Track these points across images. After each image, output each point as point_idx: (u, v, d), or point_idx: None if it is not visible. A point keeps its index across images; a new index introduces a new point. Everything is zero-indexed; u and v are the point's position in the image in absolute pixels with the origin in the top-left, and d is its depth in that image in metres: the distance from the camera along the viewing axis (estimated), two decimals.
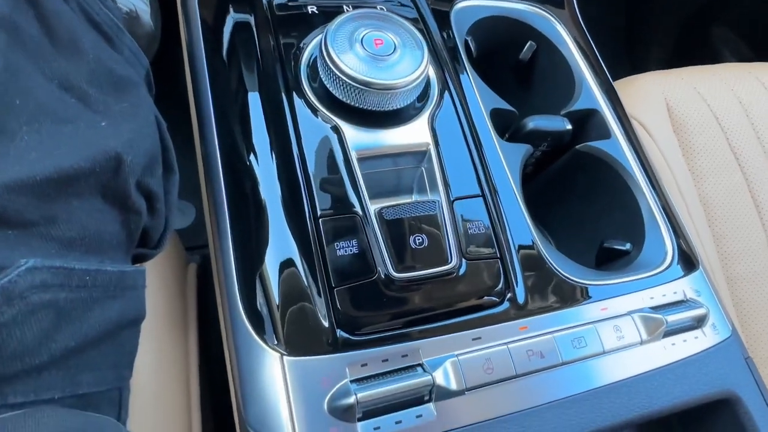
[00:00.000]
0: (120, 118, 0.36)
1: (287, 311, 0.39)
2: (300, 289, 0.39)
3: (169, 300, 0.48)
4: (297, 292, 0.39)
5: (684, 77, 0.85)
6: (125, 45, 0.42)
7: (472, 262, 0.43)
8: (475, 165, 0.48)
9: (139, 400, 0.41)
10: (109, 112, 0.36)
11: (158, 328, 0.44)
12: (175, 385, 0.44)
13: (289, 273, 0.40)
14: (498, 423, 0.39)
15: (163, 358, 0.44)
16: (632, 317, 0.45)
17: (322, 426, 0.36)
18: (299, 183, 0.43)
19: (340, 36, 0.44)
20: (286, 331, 0.38)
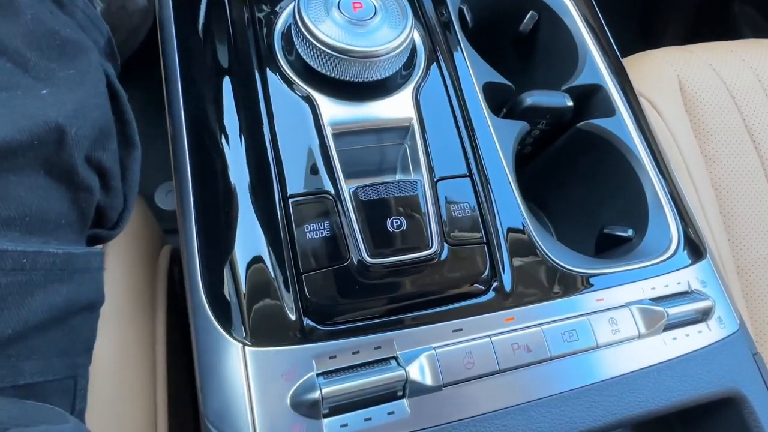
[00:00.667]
0: (65, 86, 0.32)
1: (251, 299, 0.36)
2: (266, 275, 0.36)
3: (137, 284, 0.45)
4: (262, 278, 0.36)
5: (699, 54, 0.80)
6: (77, 8, 0.38)
7: (455, 248, 0.39)
8: (463, 142, 0.44)
9: (101, 389, 0.38)
10: (53, 80, 0.33)
11: (123, 314, 0.42)
12: (140, 374, 0.42)
13: (255, 258, 0.37)
14: (478, 422, 0.36)
15: (128, 346, 0.41)
16: (630, 309, 0.42)
17: (284, 422, 0.33)
18: (269, 161, 0.39)
19: (314, 0, 0.40)
20: (250, 319, 0.35)
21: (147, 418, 0.41)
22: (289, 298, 0.36)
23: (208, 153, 0.40)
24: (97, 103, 0.34)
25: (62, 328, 0.31)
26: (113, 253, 0.43)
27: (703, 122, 0.73)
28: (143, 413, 0.41)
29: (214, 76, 0.43)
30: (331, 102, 0.42)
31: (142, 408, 0.41)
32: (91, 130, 0.33)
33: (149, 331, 0.44)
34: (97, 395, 0.38)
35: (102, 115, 0.34)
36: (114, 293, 0.41)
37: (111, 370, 0.39)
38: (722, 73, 0.78)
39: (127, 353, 0.41)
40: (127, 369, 0.40)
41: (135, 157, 0.41)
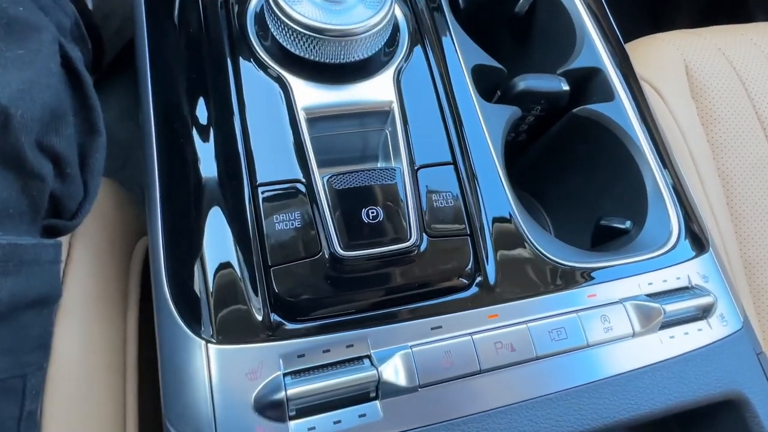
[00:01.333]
0: (11, 66, 0.30)
1: (216, 294, 0.34)
2: (232, 269, 0.34)
3: (108, 279, 0.43)
4: (228, 272, 0.34)
5: (707, 37, 0.76)
6: None
7: (435, 240, 0.37)
8: (447, 128, 0.41)
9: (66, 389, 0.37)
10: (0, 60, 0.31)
11: (91, 310, 0.40)
12: (108, 373, 0.40)
13: (221, 249, 0.35)
14: (457, 425, 0.34)
15: (95, 344, 0.39)
16: (624, 306, 0.39)
17: (246, 425, 0.31)
18: (238, 148, 0.37)
19: None
20: (214, 316, 0.33)
21: (115, 418, 0.39)
22: (255, 293, 0.34)
23: (176, 140, 0.38)
24: (48, 84, 0.32)
25: (7, 324, 0.29)
26: (81, 245, 0.41)
27: (710, 109, 0.70)
28: (111, 413, 0.39)
29: (184, 59, 0.41)
30: (305, 85, 0.39)
31: (111, 408, 0.39)
32: (40, 112, 0.31)
33: (119, 329, 0.42)
34: (61, 395, 0.36)
35: (53, 97, 0.32)
36: (80, 288, 0.40)
37: (76, 368, 0.37)
38: (731, 57, 0.74)
39: (95, 351, 0.39)
40: (95, 368, 0.39)
41: (98, 144, 0.39)
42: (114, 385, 0.40)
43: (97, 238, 0.44)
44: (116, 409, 0.40)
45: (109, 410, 0.39)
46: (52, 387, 0.36)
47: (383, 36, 0.40)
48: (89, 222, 0.44)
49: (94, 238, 0.43)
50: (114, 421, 0.39)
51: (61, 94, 0.33)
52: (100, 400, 0.39)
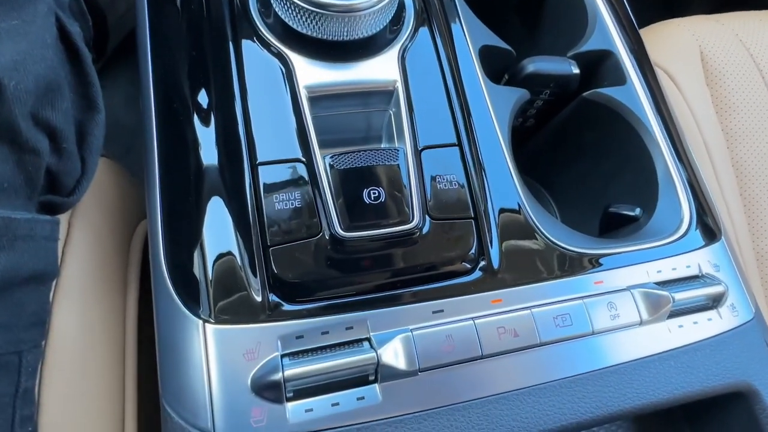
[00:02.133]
0: (5, 36, 0.30)
1: (214, 273, 0.33)
2: (230, 248, 0.34)
3: (108, 259, 0.43)
4: (227, 251, 0.34)
5: (725, 23, 0.74)
6: None
7: (438, 222, 0.36)
8: (453, 109, 0.40)
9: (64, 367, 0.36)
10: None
11: (90, 289, 0.40)
12: (107, 352, 0.40)
13: (220, 229, 0.34)
14: (457, 410, 0.33)
15: (95, 323, 0.39)
16: (632, 293, 0.38)
17: (243, 405, 0.30)
18: (237, 127, 0.36)
19: None
20: (212, 295, 0.33)
21: (114, 397, 0.39)
22: (254, 274, 0.33)
23: (176, 119, 0.38)
24: (43, 56, 0.31)
25: (2, 299, 0.28)
26: (80, 225, 0.41)
27: (725, 97, 0.68)
28: (110, 392, 0.39)
29: (185, 37, 0.40)
30: (308, 63, 0.38)
31: (109, 387, 0.39)
32: (34, 84, 0.30)
33: (119, 309, 0.42)
34: (59, 373, 0.36)
35: (48, 70, 0.32)
36: (80, 268, 0.39)
37: (74, 347, 0.37)
38: (750, 44, 0.72)
39: (94, 331, 0.39)
40: (93, 347, 0.38)
41: (97, 121, 0.38)
42: (113, 365, 0.40)
43: (97, 218, 0.43)
44: (115, 388, 0.40)
45: (108, 389, 0.39)
46: (50, 365, 0.35)
47: (388, 13, 0.39)
48: (90, 202, 0.43)
49: (95, 219, 0.43)
50: (113, 400, 0.39)
51: (56, 66, 0.33)
52: (98, 380, 0.38)
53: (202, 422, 0.30)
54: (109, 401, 0.39)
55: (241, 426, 0.30)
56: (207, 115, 0.37)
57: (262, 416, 0.30)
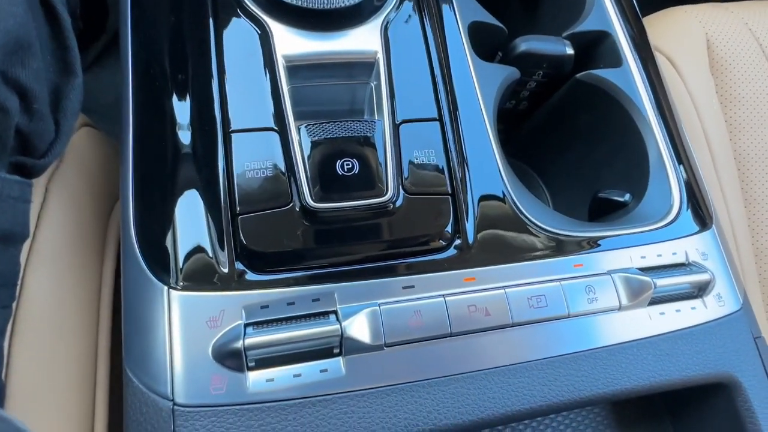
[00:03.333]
0: None
1: (181, 239, 0.33)
2: (199, 215, 0.33)
3: (86, 225, 0.43)
4: (195, 218, 0.33)
5: (735, 11, 0.71)
6: None
7: (414, 197, 0.35)
8: (435, 84, 0.39)
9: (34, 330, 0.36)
10: None
11: (66, 254, 0.40)
12: (80, 319, 0.40)
13: (189, 194, 0.34)
14: (422, 387, 0.32)
15: (67, 289, 0.39)
16: (612, 277, 0.37)
17: (203, 372, 0.30)
18: (212, 94, 0.36)
19: None
20: (178, 261, 0.32)
21: (86, 362, 0.39)
22: (222, 242, 0.33)
23: (152, 85, 0.37)
24: (12, 12, 0.31)
25: None
26: (58, 190, 0.41)
27: (730, 86, 0.66)
28: (82, 357, 0.39)
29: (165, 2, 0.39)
30: (287, 32, 0.37)
31: (82, 352, 0.39)
32: (3, 39, 0.30)
33: (95, 277, 0.42)
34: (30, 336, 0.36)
35: (17, 27, 0.31)
36: (55, 232, 0.39)
37: (47, 311, 0.37)
38: (759, 34, 0.69)
39: (67, 297, 0.39)
40: (66, 312, 0.38)
41: (74, 85, 0.38)
42: (86, 331, 0.40)
43: (77, 186, 0.43)
44: (87, 354, 0.39)
45: (80, 354, 0.39)
46: (21, 327, 0.35)
47: None
48: (70, 169, 0.43)
49: (74, 186, 0.43)
50: (85, 364, 0.39)
51: (27, 24, 0.32)
52: (70, 345, 0.38)
53: (161, 387, 0.30)
54: (80, 366, 0.39)
55: (200, 393, 0.30)
56: (183, 82, 0.37)
57: (221, 384, 0.30)
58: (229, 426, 0.29)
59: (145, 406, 0.30)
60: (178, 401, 0.30)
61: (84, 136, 0.47)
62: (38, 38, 0.35)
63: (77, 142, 0.46)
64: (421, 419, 0.32)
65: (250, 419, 0.30)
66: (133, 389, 0.30)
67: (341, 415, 0.31)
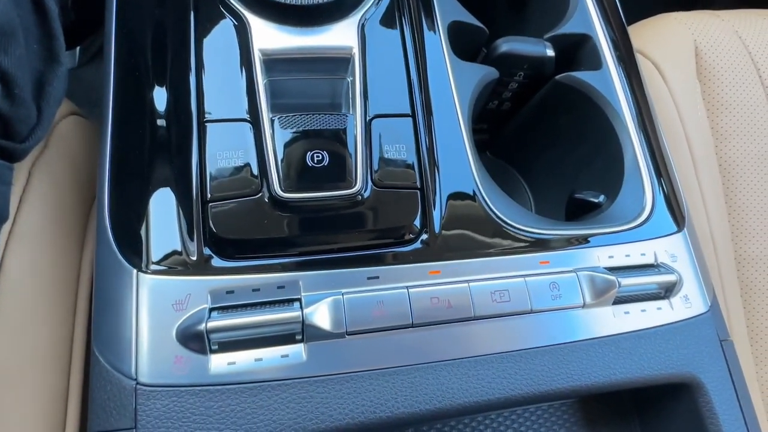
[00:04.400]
0: None
1: (152, 224, 0.34)
2: (171, 201, 0.34)
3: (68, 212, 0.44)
4: (167, 204, 0.34)
5: (726, 19, 0.71)
6: None
7: (382, 190, 0.36)
8: (410, 81, 0.40)
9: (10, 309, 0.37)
10: None
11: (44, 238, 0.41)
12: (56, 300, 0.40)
13: (163, 182, 0.35)
14: (382, 375, 0.33)
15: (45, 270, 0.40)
16: (577, 275, 0.38)
17: (167, 353, 0.31)
18: (190, 84, 0.37)
19: None
20: (148, 245, 0.33)
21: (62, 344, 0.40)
22: (191, 228, 0.34)
23: (132, 75, 0.38)
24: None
25: None
26: (41, 175, 0.42)
27: (718, 93, 0.66)
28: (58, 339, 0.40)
29: None
30: (266, 26, 0.38)
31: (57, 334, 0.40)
32: None
33: (74, 261, 0.43)
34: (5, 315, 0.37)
35: (1, 15, 0.32)
36: (36, 216, 0.40)
37: (24, 291, 0.38)
38: (749, 42, 0.69)
39: (44, 278, 0.40)
40: (44, 293, 0.39)
41: (57, 73, 0.39)
42: (63, 315, 0.41)
43: (60, 172, 0.44)
44: (63, 336, 0.40)
45: (56, 336, 0.40)
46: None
47: None
48: (54, 155, 0.44)
49: (58, 172, 0.44)
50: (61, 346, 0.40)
51: (10, 14, 0.33)
52: (46, 326, 0.39)
53: (125, 367, 0.31)
54: (56, 348, 0.40)
55: (163, 372, 0.31)
56: (162, 73, 0.37)
57: (184, 365, 0.31)
58: (188, 406, 0.30)
59: (110, 384, 0.31)
60: (141, 380, 0.31)
61: (71, 123, 0.48)
62: (24, 27, 0.36)
63: (64, 129, 0.47)
64: (379, 407, 0.32)
65: (209, 400, 0.31)
66: (99, 368, 0.31)
67: (300, 400, 0.32)
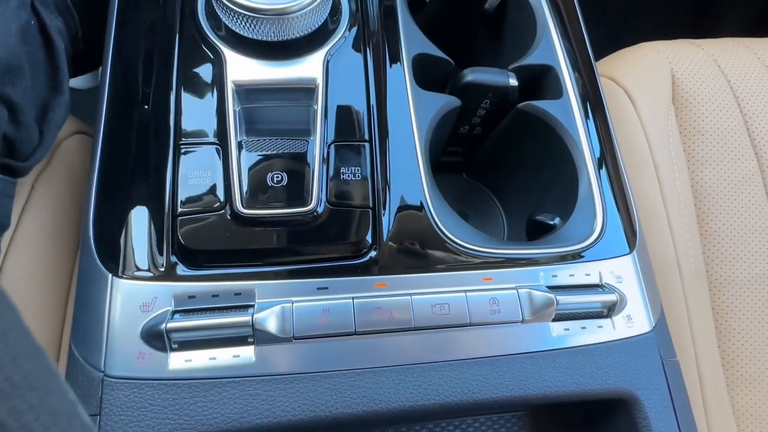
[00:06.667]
0: None
1: (128, 234, 0.38)
2: (146, 214, 0.39)
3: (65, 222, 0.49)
4: (142, 216, 0.38)
5: (705, 48, 0.73)
6: None
7: (336, 209, 0.40)
8: (370, 109, 0.44)
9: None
10: None
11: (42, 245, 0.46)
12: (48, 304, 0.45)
13: (140, 196, 0.39)
14: (324, 377, 0.36)
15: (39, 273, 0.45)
16: (517, 292, 0.40)
17: (131, 349, 0.35)
18: (170, 109, 0.41)
19: None
20: (124, 253, 0.38)
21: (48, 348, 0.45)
22: (161, 238, 0.38)
23: (122, 100, 0.43)
24: (5, 43, 0.37)
25: None
26: (43, 190, 0.47)
27: (694, 120, 0.68)
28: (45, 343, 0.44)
29: (142, 29, 0.45)
30: (240, 59, 0.43)
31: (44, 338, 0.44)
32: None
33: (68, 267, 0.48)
34: None
35: (9, 54, 0.37)
36: (36, 225, 0.45)
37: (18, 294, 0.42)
38: (728, 71, 0.71)
39: (38, 280, 0.44)
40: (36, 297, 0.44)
41: (61, 102, 0.44)
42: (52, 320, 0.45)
43: (61, 187, 0.49)
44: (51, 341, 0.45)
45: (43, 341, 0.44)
46: None
47: (313, 20, 0.43)
48: (56, 171, 0.50)
49: (58, 187, 0.49)
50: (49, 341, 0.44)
51: (18, 51, 0.39)
52: (36, 323, 0.44)
53: (95, 360, 0.35)
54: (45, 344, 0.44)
55: (127, 366, 0.35)
56: (146, 99, 0.42)
57: (146, 360, 0.35)
58: (148, 398, 0.34)
59: (81, 376, 0.35)
60: (108, 372, 0.34)
61: (75, 141, 0.54)
62: (34, 61, 0.42)
63: (67, 147, 0.52)
64: (320, 405, 0.35)
65: (166, 393, 0.34)
66: (73, 360, 0.35)
67: (248, 396, 0.35)
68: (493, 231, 0.62)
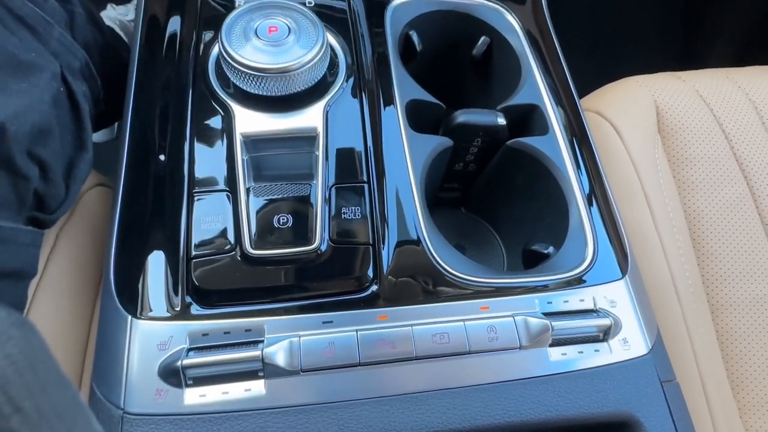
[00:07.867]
0: (15, 95, 0.40)
1: (146, 278, 0.41)
2: (162, 258, 0.41)
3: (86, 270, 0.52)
4: (159, 260, 0.41)
5: (687, 80, 0.77)
6: (52, 38, 0.47)
7: (339, 247, 0.42)
8: (367, 153, 0.47)
9: None
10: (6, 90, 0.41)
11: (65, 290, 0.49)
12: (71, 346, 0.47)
13: (158, 242, 0.42)
14: (331, 408, 0.38)
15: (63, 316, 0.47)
16: (514, 319, 0.42)
17: (149, 386, 0.37)
18: (184, 162, 0.45)
19: (235, 27, 0.46)
20: (142, 295, 0.40)
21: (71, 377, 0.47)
22: (176, 280, 0.41)
23: (140, 153, 0.47)
24: (40, 110, 0.42)
25: None
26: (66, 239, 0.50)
27: (682, 148, 0.71)
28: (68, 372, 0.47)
29: (159, 88, 0.50)
30: (247, 113, 0.47)
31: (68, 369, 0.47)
32: (30, 129, 0.40)
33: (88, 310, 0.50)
34: None
35: (43, 119, 0.42)
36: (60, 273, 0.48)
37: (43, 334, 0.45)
38: (710, 100, 0.75)
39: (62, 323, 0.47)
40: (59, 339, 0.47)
41: (85, 159, 0.48)
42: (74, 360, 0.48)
43: (83, 236, 0.53)
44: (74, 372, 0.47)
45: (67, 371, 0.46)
46: None
47: (317, 71, 0.47)
48: (78, 221, 0.53)
49: (81, 236, 0.52)
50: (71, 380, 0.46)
51: (50, 116, 0.43)
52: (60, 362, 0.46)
53: (115, 398, 0.37)
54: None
55: (145, 403, 0.37)
56: (162, 151, 0.46)
57: (163, 396, 0.37)
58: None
59: (102, 413, 0.37)
60: (128, 410, 0.37)
61: (96, 193, 0.58)
62: (62, 123, 0.46)
63: (89, 199, 0.56)
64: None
65: (182, 428, 0.36)
66: (94, 399, 0.38)
67: (259, 428, 0.37)
68: (493, 262, 0.64)
